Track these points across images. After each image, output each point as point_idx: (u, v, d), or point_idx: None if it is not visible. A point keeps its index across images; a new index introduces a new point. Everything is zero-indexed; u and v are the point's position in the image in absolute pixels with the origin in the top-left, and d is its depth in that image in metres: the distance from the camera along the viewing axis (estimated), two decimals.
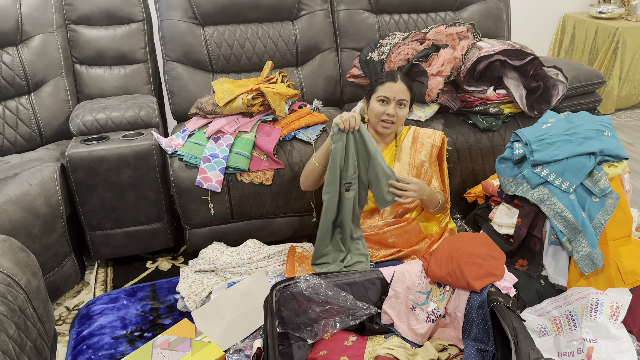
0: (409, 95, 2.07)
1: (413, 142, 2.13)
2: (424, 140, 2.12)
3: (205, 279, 2.11)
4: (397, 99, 2.03)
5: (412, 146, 2.12)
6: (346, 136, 1.89)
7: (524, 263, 1.89)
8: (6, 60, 2.42)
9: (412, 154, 2.11)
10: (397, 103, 2.04)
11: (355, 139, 1.90)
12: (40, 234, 2.03)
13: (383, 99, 2.04)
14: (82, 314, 2.10)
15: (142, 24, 2.65)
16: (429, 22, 2.87)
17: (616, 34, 3.72)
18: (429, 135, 2.13)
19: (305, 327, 1.73)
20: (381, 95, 2.04)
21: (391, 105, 2.03)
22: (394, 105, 2.04)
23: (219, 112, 2.32)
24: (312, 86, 2.75)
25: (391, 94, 2.03)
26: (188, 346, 1.80)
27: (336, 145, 1.90)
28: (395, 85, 2.03)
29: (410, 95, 2.07)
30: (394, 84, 2.03)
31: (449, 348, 1.71)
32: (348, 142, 1.90)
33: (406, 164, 2.12)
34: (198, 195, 2.24)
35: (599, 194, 1.76)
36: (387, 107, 2.04)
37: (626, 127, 3.75)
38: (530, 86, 2.38)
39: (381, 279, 1.79)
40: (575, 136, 1.85)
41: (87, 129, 2.27)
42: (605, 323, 1.55)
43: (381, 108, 2.04)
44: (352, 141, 1.90)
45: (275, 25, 2.71)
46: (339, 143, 1.90)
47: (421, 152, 2.11)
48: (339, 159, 1.91)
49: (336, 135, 1.90)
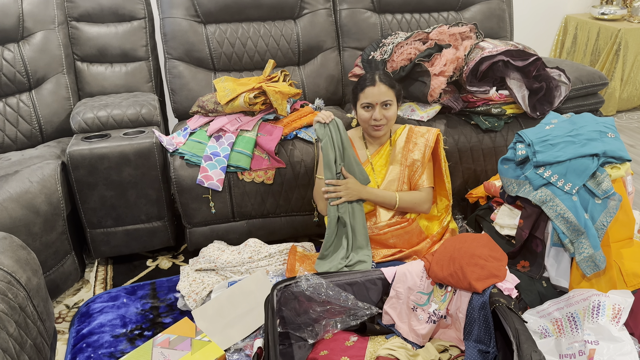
0: (393, 93, 2.02)
1: (406, 141, 2.11)
2: (417, 140, 2.09)
3: (205, 277, 2.11)
4: (380, 102, 2.00)
5: (405, 146, 2.10)
6: (329, 129, 2.00)
7: (526, 264, 1.88)
8: (7, 57, 2.42)
9: (404, 153, 2.10)
10: (381, 105, 2.01)
11: (336, 128, 2.01)
12: (41, 231, 2.02)
13: (366, 105, 2.02)
14: (82, 312, 2.10)
15: (144, 21, 2.64)
16: (431, 21, 2.86)
17: (618, 35, 3.72)
18: (423, 134, 2.10)
19: (306, 327, 1.73)
20: (364, 102, 2.02)
21: (376, 109, 2.00)
22: (379, 108, 2.00)
23: (220, 111, 2.32)
24: (313, 85, 2.75)
25: (373, 98, 2.00)
26: (188, 345, 1.79)
27: (324, 140, 1.99)
28: (375, 88, 1.99)
29: (394, 92, 2.03)
30: (373, 88, 2.00)
31: (450, 349, 1.71)
32: (332, 134, 2.00)
33: (399, 164, 2.10)
34: (199, 194, 2.23)
35: (602, 195, 1.75)
36: (373, 111, 2.01)
37: (628, 129, 3.75)
38: (533, 87, 2.38)
39: (382, 279, 1.78)
40: (578, 137, 1.84)
41: (88, 126, 2.26)
42: (607, 325, 1.54)
43: (367, 114, 2.03)
44: (333, 132, 2.01)
45: (278, 24, 2.70)
46: (326, 138, 1.99)
47: (414, 152, 2.09)
48: (330, 153, 1.99)
49: (320, 131, 2.00)
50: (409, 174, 2.09)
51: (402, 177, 2.09)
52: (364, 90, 2.02)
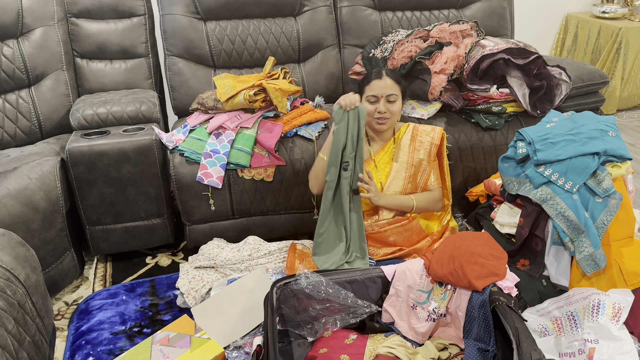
0: (398, 88, 2.04)
1: (412, 140, 2.11)
2: (423, 139, 2.09)
3: (205, 275, 2.11)
4: (385, 94, 2.01)
5: (411, 144, 2.10)
6: (347, 115, 1.94)
7: (526, 263, 1.88)
8: (6, 53, 2.41)
9: (410, 152, 2.09)
10: (386, 99, 2.01)
11: (356, 117, 1.95)
12: (40, 228, 2.02)
13: (372, 97, 2.03)
14: (81, 309, 2.10)
15: (144, 18, 2.63)
16: (432, 19, 2.85)
17: (619, 34, 3.71)
18: (428, 132, 2.10)
19: (305, 325, 1.72)
20: (369, 94, 2.03)
21: (381, 102, 2.01)
22: (384, 101, 2.01)
23: (220, 108, 2.31)
24: (314, 83, 2.74)
25: (378, 91, 2.01)
26: (187, 342, 1.79)
27: (339, 125, 1.96)
28: (381, 81, 2.01)
29: (399, 88, 2.04)
30: (379, 81, 2.01)
31: (449, 347, 1.71)
32: (348, 121, 1.95)
33: (404, 162, 2.09)
34: (198, 191, 2.23)
35: (602, 194, 1.75)
36: (377, 104, 2.02)
37: (628, 128, 3.75)
38: (534, 85, 2.37)
39: (382, 277, 1.78)
40: (579, 136, 1.84)
41: (87, 123, 2.26)
42: (607, 324, 1.54)
43: (372, 107, 2.03)
44: (351, 120, 1.95)
45: (278, 21, 2.69)
46: (342, 123, 1.95)
47: (420, 150, 2.09)
48: (342, 139, 1.96)
49: (338, 114, 1.95)
50: (414, 173, 2.09)
51: (407, 175, 2.09)
52: (370, 83, 2.03)
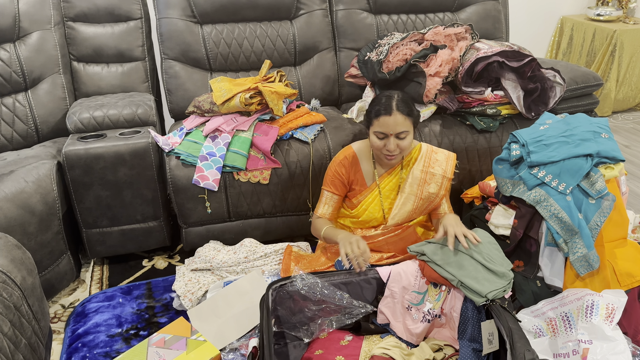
0: (409, 123, 1.86)
1: (422, 170, 1.98)
2: (435, 170, 1.97)
3: (201, 277, 2.11)
4: (395, 132, 1.84)
5: (422, 176, 1.98)
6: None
7: (520, 264, 1.89)
8: (3, 57, 2.42)
9: (420, 184, 1.97)
10: (396, 136, 1.86)
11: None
12: (36, 231, 2.02)
13: (380, 135, 1.87)
14: (78, 311, 2.10)
15: (140, 21, 2.64)
16: (427, 22, 2.87)
17: (614, 36, 3.73)
18: (441, 163, 1.98)
19: (301, 326, 1.73)
20: (377, 130, 1.86)
21: (390, 140, 1.86)
22: (393, 139, 1.86)
23: (216, 111, 2.32)
24: (310, 86, 2.75)
25: (387, 129, 1.84)
26: (184, 345, 1.79)
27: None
28: (391, 118, 1.82)
29: (410, 122, 1.87)
30: (388, 118, 1.82)
31: (444, 348, 1.71)
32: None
33: (412, 195, 1.98)
34: (195, 194, 2.23)
35: (596, 195, 1.76)
36: (386, 141, 1.87)
37: (623, 130, 3.77)
38: (528, 88, 2.39)
39: (377, 278, 1.79)
40: (572, 138, 1.85)
41: (84, 126, 2.26)
42: (600, 324, 1.55)
43: (380, 143, 1.88)
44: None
45: (274, 25, 2.70)
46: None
47: (430, 184, 1.97)
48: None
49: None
50: (424, 204, 2.01)
51: (414, 208, 2.01)
52: (378, 118, 1.85)
